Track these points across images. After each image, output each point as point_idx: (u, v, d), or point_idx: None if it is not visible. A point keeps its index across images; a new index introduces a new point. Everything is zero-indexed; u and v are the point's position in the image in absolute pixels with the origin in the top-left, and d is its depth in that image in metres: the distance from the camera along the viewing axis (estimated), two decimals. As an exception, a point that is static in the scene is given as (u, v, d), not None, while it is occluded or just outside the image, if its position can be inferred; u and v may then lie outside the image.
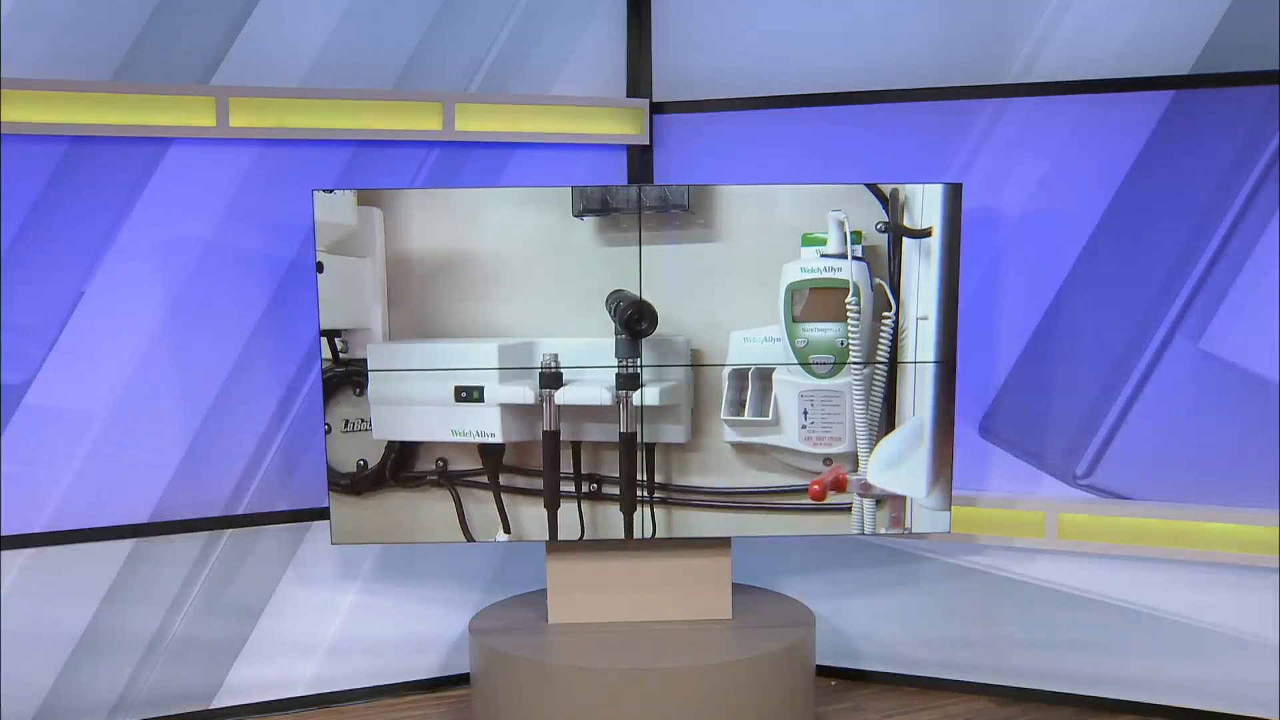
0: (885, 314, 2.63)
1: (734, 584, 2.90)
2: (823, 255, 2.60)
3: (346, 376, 2.67)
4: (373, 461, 2.71)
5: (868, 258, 2.61)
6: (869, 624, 3.17)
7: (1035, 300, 2.89)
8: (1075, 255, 2.84)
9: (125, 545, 2.83)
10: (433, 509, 2.73)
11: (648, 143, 3.12)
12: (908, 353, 2.64)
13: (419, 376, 2.66)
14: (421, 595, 3.14)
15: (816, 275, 2.60)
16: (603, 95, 3.11)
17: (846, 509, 2.72)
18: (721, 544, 2.83)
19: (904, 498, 2.71)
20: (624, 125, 3.10)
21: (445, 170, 2.99)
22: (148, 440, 2.82)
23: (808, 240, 2.61)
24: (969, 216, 2.73)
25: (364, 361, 2.65)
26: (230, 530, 2.93)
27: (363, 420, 2.69)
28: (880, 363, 2.65)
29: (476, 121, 2.96)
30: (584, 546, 2.81)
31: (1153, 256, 2.77)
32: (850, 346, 2.63)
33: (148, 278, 2.78)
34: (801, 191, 2.62)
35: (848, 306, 2.61)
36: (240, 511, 2.94)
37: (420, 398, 2.66)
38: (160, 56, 2.73)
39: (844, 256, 2.58)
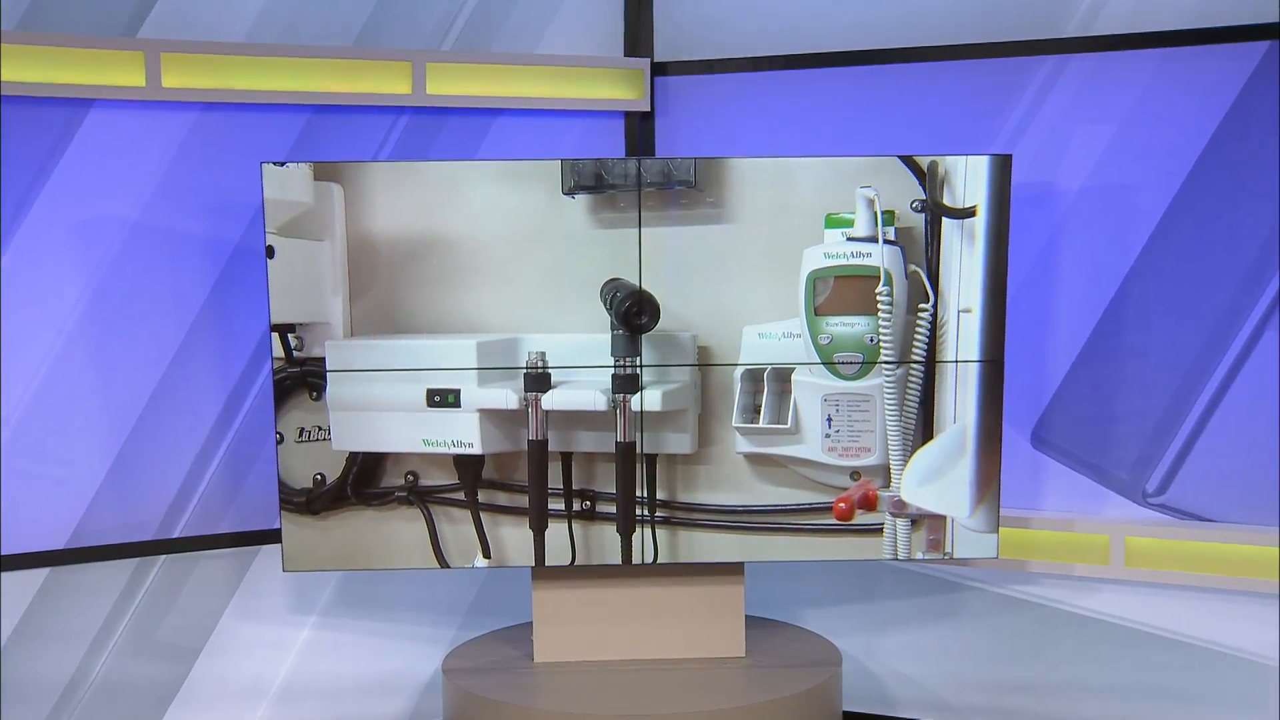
0: (922, 306, 2.58)
1: (748, 617, 2.85)
2: (850, 239, 2.56)
3: (301, 378, 2.63)
4: (332, 476, 2.67)
5: (902, 241, 2.57)
6: (904, 663, 3.12)
7: (1098, 289, 2.83)
8: (1145, 237, 2.78)
9: (37, 575, 2.77)
10: (401, 530, 2.70)
11: (648, 109, 3.09)
12: (948, 350, 2.61)
13: (385, 378, 2.62)
14: (387, 630, 3.11)
15: (842, 261, 2.56)
16: (597, 54, 3.08)
17: (878, 530, 2.68)
18: (733, 570, 2.80)
19: (944, 518, 2.67)
20: (621, 88, 3.06)
21: (415, 140, 2.96)
22: (65, 453, 2.76)
23: (832, 221, 2.57)
24: (1020, 193, 2.66)
25: (322, 360, 2.62)
26: (164, 556, 2.89)
27: (320, 428, 2.65)
28: (916, 362, 2.61)
29: (451, 84, 2.93)
30: (575, 573, 2.77)
31: (1238, 238, 2.69)
32: (881, 343, 2.58)
33: (64, 263, 2.72)
34: (825, 165, 2.59)
35: (878, 297, 2.55)
36: (176, 534, 2.89)
37: (387, 402, 2.62)
38: (77, 2, 2.67)
39: (874, 240, 2.54)
